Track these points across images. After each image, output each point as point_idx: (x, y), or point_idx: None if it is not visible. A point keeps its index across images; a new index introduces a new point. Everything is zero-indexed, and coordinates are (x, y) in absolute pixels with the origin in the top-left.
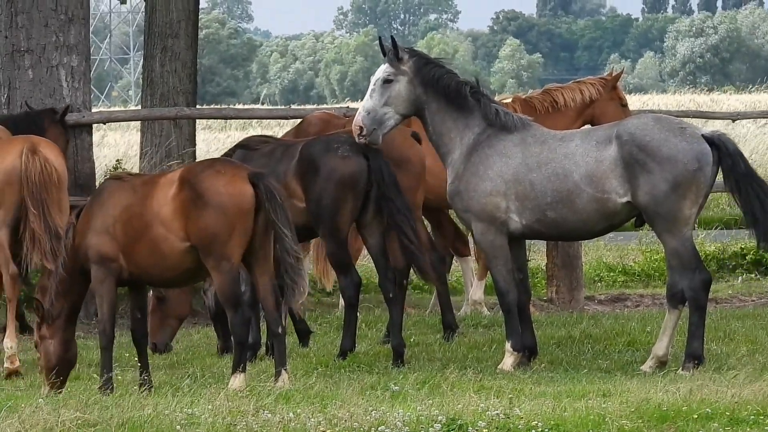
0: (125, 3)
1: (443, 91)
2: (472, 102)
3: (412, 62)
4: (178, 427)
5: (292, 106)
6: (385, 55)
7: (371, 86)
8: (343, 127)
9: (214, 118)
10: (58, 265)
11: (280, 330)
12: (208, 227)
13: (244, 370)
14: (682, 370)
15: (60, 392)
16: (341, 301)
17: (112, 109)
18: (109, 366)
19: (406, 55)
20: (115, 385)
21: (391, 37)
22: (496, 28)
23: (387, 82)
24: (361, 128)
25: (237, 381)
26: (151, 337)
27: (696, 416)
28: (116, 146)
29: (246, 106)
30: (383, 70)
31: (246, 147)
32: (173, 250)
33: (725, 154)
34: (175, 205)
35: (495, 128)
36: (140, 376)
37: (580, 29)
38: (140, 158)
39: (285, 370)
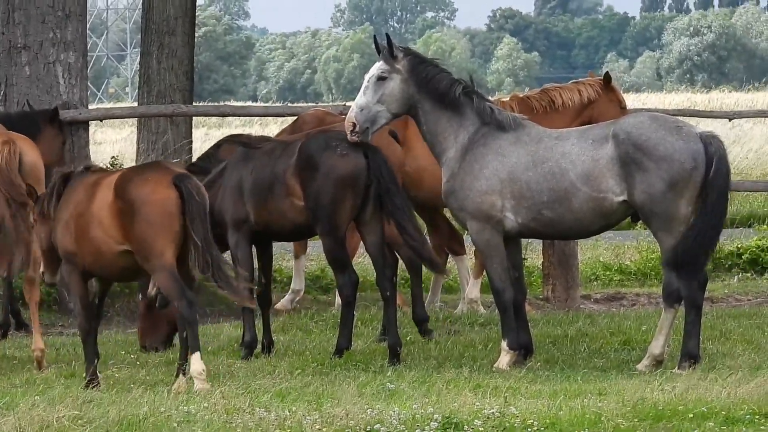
0: None
1: (437, 90)
2: (466, 101)
3: (406, 61)
4: (175, 424)
5: (289, 104)
6: (379, 53)
7: (365, 83)
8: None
9: (211, 116)
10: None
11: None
12: (138, 234)
13: (198, 349)
14: (678, 369)
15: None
16: (338, 299)
17: (108, 105)
18: (92, 358)
19: (401, 53)
20: (100, 377)
21: (386, 34)
22: (493, 26)
23: (381, 79)
24: (354, 125)
25: (195, 361)
26: (142, 340)
27: (692, 415)
28: (113, 143)
29: (242, 104)
30: (378, 67)
31: (248, 145)
32: (111, 251)
33: (708, 158)
34: (109, 211)
35: (490, 127)
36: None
37: (577, 28)
38: (137, 155)
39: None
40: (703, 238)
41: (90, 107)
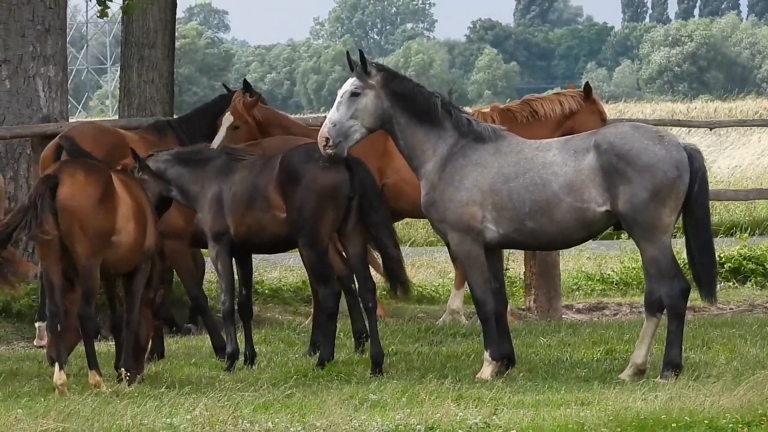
0: (106, 16)
1: (412, 104)
2: (443, 114)
3: (379, 76)
4: None
5: None
6: (353, 70)
7: (338, 99)
8: None
9: None
10: None
11: None
12: None
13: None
14: (661, 378)
15: None
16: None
17: (89, 119)
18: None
19: (374, 69)
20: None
21: (359, 51)
22: (473, 37)
23: (354, 95)
24: (327, 139)
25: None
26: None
27: (675, 425)
28: None
29: None
30: (351, 83)
31: (231, 155)
32: None
33: (694, 169)
34: None
35: (469, 139)
36: None
37: (557, 38)
38: None
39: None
40: (707, 255)
41: (70, 120)
